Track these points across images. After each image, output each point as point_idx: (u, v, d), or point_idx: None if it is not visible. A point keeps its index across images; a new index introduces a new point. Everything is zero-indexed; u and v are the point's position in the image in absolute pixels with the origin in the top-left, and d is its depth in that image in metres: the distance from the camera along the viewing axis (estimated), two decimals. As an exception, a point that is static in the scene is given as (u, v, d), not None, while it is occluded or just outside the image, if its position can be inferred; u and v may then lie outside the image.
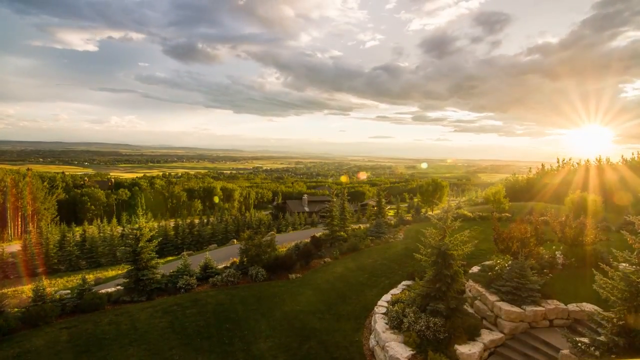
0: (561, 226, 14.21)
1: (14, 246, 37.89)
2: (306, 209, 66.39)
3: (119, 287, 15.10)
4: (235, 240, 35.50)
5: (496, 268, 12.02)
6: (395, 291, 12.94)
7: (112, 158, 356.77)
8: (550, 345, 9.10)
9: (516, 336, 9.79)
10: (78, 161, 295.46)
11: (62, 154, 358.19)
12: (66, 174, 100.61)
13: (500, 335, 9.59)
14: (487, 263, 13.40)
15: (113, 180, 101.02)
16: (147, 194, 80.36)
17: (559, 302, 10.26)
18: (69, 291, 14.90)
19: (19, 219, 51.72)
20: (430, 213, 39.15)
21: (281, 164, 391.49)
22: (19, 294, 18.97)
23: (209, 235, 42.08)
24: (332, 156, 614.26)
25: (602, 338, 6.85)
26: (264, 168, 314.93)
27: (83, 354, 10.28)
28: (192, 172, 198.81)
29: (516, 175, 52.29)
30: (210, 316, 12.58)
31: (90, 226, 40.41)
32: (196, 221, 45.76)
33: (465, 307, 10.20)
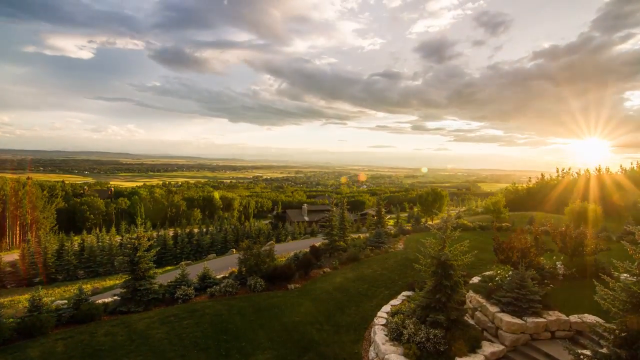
0: (562, 236, 14.17)
1: (13, 255, 37.74)
2: (306, 218, 66.25)
3: (115, 297, 14.95)
4: (234, 250, 35.33)
5: (496, 278, 11.94)
6: (395, 302, 12.81)
7: (113, 167, 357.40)
8: (552, 358, 9.00)
9: (517, 348, 9.66)
10: (78, 170, 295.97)
11: (63, 162, 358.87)
12: (66, 182, 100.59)
13: (501, 347, 9.46)
14: (487, 273, 13.31)
15: (113, 189, 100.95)
16: (146, 203, 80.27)
17: (560, 314, 10.15)
18: (65, 301, 14.77)
19: (18, 228, 51.61)
20: (430, 223, 39.07)
21: (281, 173, 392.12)
22: (15, 304, 18.82)
23: (208, 244, 41.93)
24: (332, 165, 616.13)
25: (604, 350, 6.77)
26: (264, 177, 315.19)
27: (78, 366, 10.15)
28: (192, 181, 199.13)
29: (516, 185, 52.43)
30: (208, 327, 12.43)
31: (89, 235, 40.31)
32: (195, 230, 45.68)
33: (465, 318, 10.09)
